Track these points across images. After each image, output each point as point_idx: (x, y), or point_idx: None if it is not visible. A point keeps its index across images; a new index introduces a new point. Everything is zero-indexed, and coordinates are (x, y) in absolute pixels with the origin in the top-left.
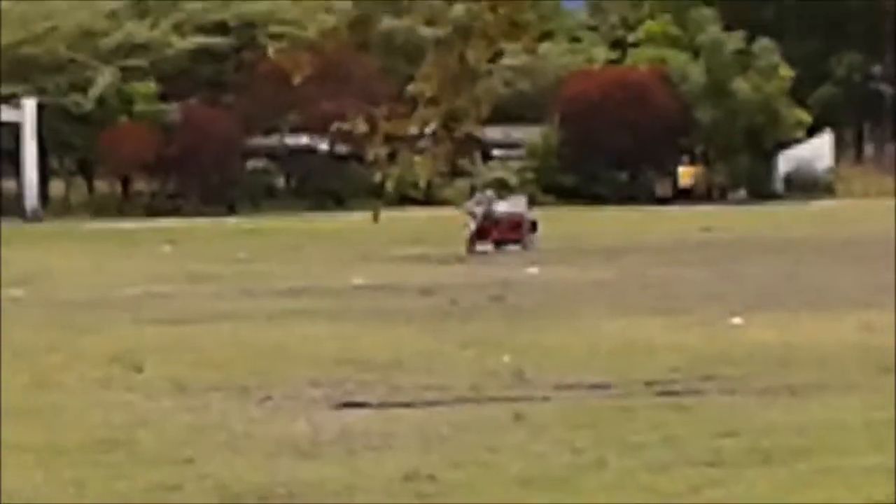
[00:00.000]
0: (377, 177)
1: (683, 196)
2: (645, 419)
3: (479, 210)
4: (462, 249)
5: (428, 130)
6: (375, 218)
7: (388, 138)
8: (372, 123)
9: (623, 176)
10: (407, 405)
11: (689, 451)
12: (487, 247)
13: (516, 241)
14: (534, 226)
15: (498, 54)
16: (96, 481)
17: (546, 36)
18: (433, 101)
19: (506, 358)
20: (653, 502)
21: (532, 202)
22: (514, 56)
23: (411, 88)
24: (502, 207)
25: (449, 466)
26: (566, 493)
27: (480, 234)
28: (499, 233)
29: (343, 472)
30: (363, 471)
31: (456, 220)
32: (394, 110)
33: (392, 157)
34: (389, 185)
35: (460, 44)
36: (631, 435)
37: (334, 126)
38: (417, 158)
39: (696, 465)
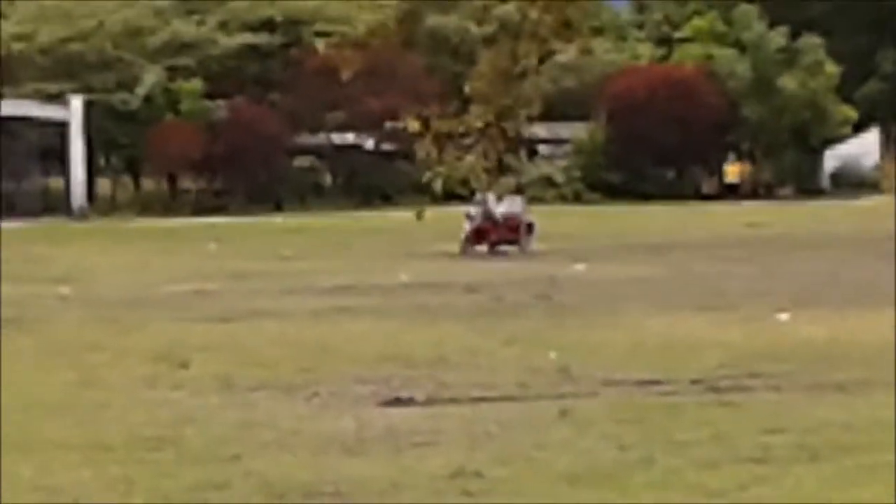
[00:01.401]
0: (426, 176)
1: (730, 193)
2: (692, 416)
3: (477, 211)
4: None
5: (478, 124)
6: (419, 217)
7: (439, 137)
8: (424, 122)
9: (669, 173)
10: (453, 402)
11: (736, 448)
12: (484, 248)
13: (513, 243)
14: (530, 227)
15: (550, 53)
16: (143, 479)
17: (592, 33)
18: (486, 100)
19: (552, 355)
20: (700, 499)
21: (577, 199)
22: (563, 54)
23: (468, 89)
24: (501, 209)
25: (495, 463)
26: (613, 490)
27: (478, 236)
28: (496, 234)
29: (389, 469)
30: (409, 468)
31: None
32: (445, 109)
33: (440, 153)
34: (437, 186)
35: (511, 43)
36: (678, 432)
37: (388, 126)
38: (469, 158)
39: (743, 462)
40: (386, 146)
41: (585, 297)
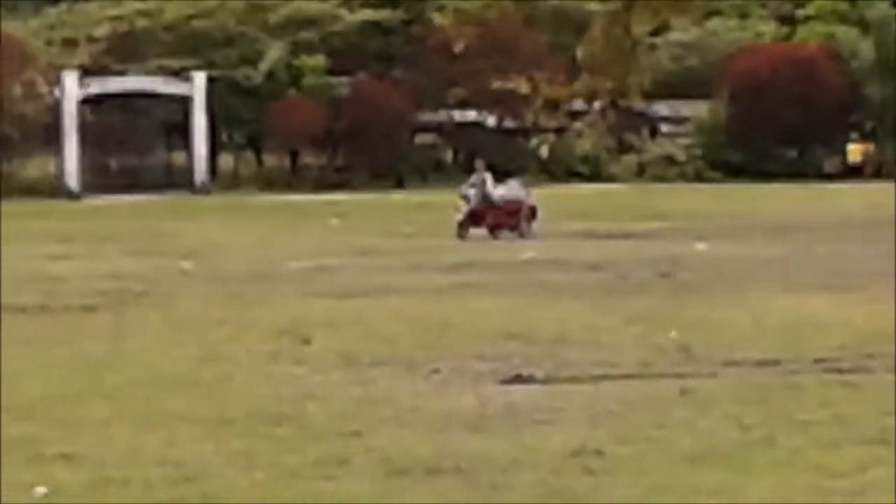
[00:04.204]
0: (534, 141)
1: (853, 173)
2: (813, 396)
3: (473, 193)
4: (628, 225)
5: (597, 105)
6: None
7: (550, 104)
8: (534, 86)
9: (791, 152)
10: (574, 380)
11: (858, 429)
12: (481, 232)
13: (512, 228)
14: (533, 212)
15: (663, 27)
16: (265, 453)
17: (715, 12)
18: (598, 70)
19: (673, 334)
20: (821, 480)
21: (699, 178)
22: (683, 31)
23: (579, 55)
24: (500, 192)
25: (616, 442)
26: (734, 470)
27: (474, 219)
28: (494, 218)
29: (510, 447)
30: (530, 445)
31: (624, 196)
32: (556, 75)
33: (559, 131)
34: (544, 152)
35: (625, 15)
36: (799, 412)
37: (495, 83)
38: (586, 130)
39: (864, 444)
40: (507, 124)
41: (707, 276)
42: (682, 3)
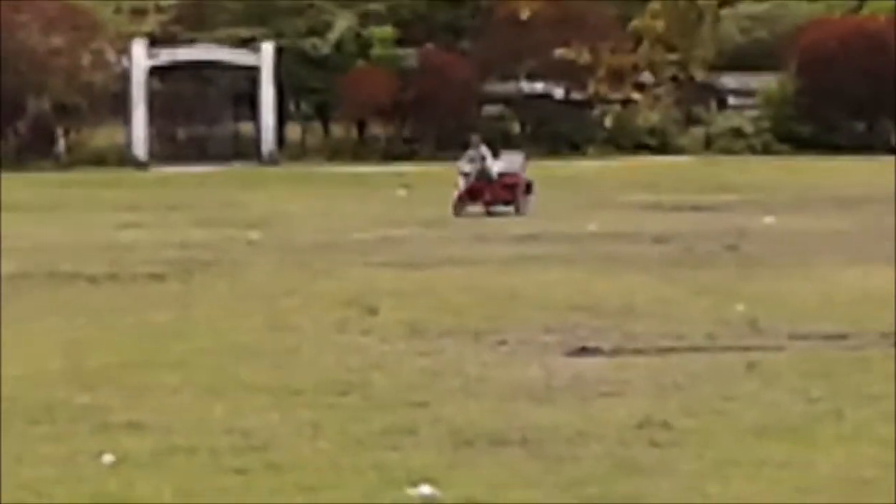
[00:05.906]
0: (597, 111)
1: None
2: (881, 370)
3: (471, 168)
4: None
5: (663, 77)
6: None
7: (612, 74)
8: (595, 55)
9: (860, 125)
10: (640, 352)
11: None
12: (477, 209)
13: (509, 203)
14: (529, 187)
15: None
16: (331, 423)
17: None
18: (661, 41)
19: (740, 307)
20: (889, 454)
21: (767, 150)
22: (752, 4)
23: (636, 23)
24: (497, 166)
25: (682, 414)
26: (801, 443)
27: (472, 195)
28: (491, 194)
29: (576, 418)
30: (596, 417)
31: (692, 169)
32: (619, 45)
33: (625, 103)
34: (608, 122)
35: None
36: (866, 385)
37: (556, 53)
38: (653, 102)
39: None
40: (575, 95)
41: (775, 249)
42: None
